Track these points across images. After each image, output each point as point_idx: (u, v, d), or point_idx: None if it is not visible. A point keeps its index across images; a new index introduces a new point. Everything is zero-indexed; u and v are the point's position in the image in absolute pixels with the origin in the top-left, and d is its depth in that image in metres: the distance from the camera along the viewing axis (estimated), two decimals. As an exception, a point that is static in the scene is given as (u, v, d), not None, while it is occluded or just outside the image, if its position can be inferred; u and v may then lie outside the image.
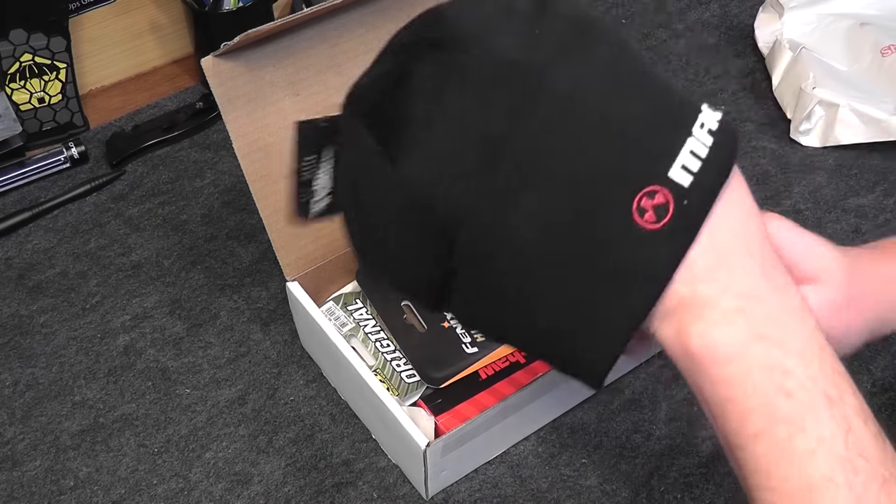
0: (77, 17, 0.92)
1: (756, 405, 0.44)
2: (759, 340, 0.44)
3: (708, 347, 0.44)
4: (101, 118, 0.95)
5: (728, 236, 0.45)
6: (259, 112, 0.68)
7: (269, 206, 0.70)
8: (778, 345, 0.44)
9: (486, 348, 0.72)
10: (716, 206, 0.44)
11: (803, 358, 0.44)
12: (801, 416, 0.43)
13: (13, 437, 0.73)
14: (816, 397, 0.44)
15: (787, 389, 0.43)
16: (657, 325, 0.46)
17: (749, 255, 0.45)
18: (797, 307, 0.46)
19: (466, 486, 0.70)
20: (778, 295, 0.45)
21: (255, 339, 0.78)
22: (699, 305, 0.44)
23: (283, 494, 0.70)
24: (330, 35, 0.69)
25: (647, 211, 0.43)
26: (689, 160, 0.44)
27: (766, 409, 0.44)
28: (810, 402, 0.44)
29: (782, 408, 0.43)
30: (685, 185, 0.44)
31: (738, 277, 0.45)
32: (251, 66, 0.66)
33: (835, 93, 0.89)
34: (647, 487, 0.70)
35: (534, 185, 0.44)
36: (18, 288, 0.82)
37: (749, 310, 0.44)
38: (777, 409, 0.43)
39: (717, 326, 0.44)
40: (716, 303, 0.44)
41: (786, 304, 0.45)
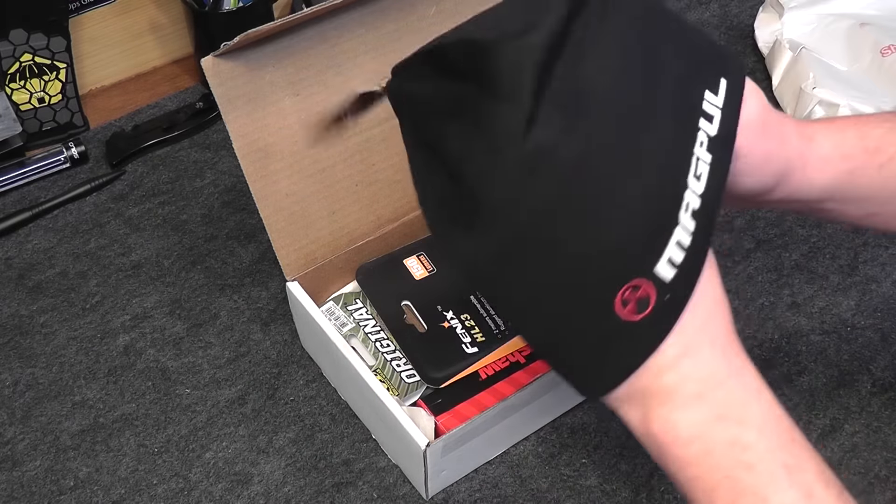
0: (77, 17, 0.92)
1: (720, 480, 0.46)
2: (718, 421, 0.46)
3: (670, 431, 0.47)
4: (101, 118, 0.95)
5: (696, 329, 0.47)
6: (259, 112, 0.68)
7: (269, 206, 0.70)
8: (737, 423, 0.46)
9: (486, 348, 0.72)
10: (692, 297, 0.46)
11: (761, 432, 0.46)
12: (763, 487, 0.45)
13: (13, 437, 0.73)
14: (776, 468, 0.46)
15: (747, 463, 0.46)
16: (622, 408, 0.48)
17: (712, 343, 0.47)
18: (753, 386, 0.48)
19: (466, 486, 0.70)
20: (735, 377, 0.47)
21: (255, 339, 0.78)
22: (663, 393, 0.47)
23: (283, 494, 0.70)
24: (330, 35, 0.69)
25: (630, 303, 0.45)
26: (674, 252, 0.45)
27: (730, 483, 0.46)
28: (770, 472, 0.45)
29: (744, 481, 0.45)
30: (668, 280, 0.45)
31: (700, 365, 0.47)
32: (251, 66, 0.66)
33: (835, 93, 0.89)
34: (647, 487, 0.70)
35: (533, 253, 0.45)
36: (18, 288, 0.82)
37: (709, 394, 0.47)
38: (740, 483, 0.45)
39: (679, 411, 0.47)
40: (678, 390, 0.47)
41: (743, 385, 0.48)
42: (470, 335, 0.72)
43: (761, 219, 0.86)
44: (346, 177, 0.73)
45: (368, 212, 0.75)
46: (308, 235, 0.72)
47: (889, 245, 0.83)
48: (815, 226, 0.85)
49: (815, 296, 0.80)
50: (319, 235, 0.73)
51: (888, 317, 0.78)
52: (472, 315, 0.73)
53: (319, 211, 0.72)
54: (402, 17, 0.72)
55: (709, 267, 0.47)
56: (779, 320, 0.78)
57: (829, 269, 0.82)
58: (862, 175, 0.55)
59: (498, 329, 0.73)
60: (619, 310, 0.45)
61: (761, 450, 0.46)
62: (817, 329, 0.78)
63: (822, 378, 0.75)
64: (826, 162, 0.55)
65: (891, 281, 0.81)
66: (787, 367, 0.76)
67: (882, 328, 0.78)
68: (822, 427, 0.72)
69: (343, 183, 0.73)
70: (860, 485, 0.69)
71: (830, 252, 0.83)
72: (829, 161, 0.55)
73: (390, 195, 0.76)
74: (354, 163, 0.73)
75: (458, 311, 0.73)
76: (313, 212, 0.72)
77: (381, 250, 0.77)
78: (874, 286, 0.80)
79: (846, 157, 0.55)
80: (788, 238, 0.84)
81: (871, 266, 0.82)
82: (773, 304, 0.79)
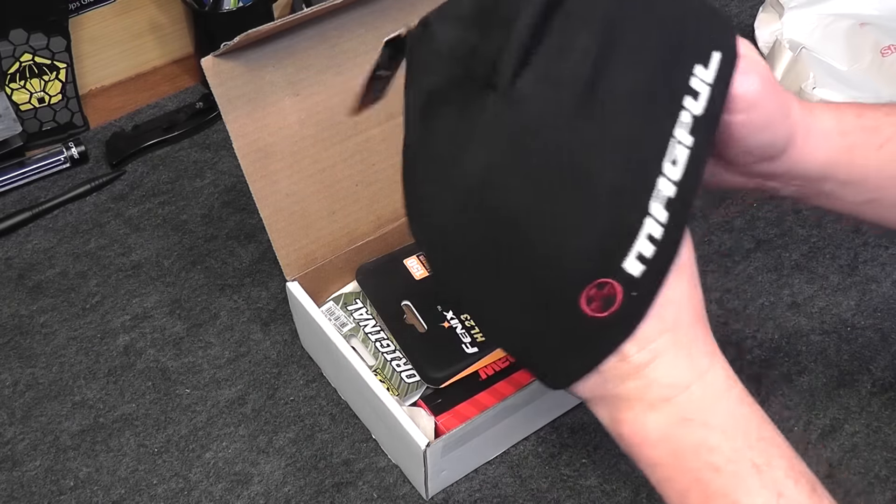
0: (77, 17, 0.92)
1: (690, 483, 0.46)
2: (684, 424, 0.46)
3: (638, 433, 0.47)
4: (101, 118, 0.95)
5: (660, 332, 0.46)
6: (259, 112, 0.68)
7: (269, 206, 0.70)
8: (702, 425, 0.46)
9: (486, 348, 0.72)
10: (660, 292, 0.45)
11: (726, 433, 0.46)
12: (733, 488, 0.45)
13: (13, 437, 0.73)
14: (744, 468, 0.45)
15: (714, 465, 0.45)
16: (595, 408, 0.49)
17: (676, 346, 0.46)
18: (719, 386, 0.47)
19: (466, 486, 0.70)
20: (700, 380, 0.47)
21: (255, 339, 0.78)
22: (628, 398, 0.47)
23: (283, 494, 0.70)
24: (330, 35, 0.69)
25: (595, 301, 0.44)
26: (643, 247, 0.43)
27: (700, 485, 0.46)
28: (739, 473, 0.45)
29: (713, 483, 0.45)
30: (636, 276, 0.44)
31: (665, 371, 0.46)
32: (251, 66, 0.66)
33: (835, 93, 0.89)
34: (647, 487, 0.69)
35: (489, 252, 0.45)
36: (18, 288, 0.82)
37: (674, 398, 0.46)
38: (709, 485, 0.45)
39: (645, 414, 0.47)
40: (643, 395, 0.47)
41: (707, 387, 0.47)
42: (470, 335, 0.72)
43: (761, 219, 0.86)
44: (346, 177, 0.73)
45: (368, 212, 0.75)
46: (308, 235, 0.72)
47: (889, 245, 0.83)
48: (814, 226, 0.85)
49: (815, 296, 0.80)
50: (319, 235, 0.73)
51: (888, 317, 0.78)
52: (472, 315, 0.73)
53: (319, 211, 0.73)
54: (402, 17, 0.72)
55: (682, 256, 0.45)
56: (779, 320, 0.78)
57: (829, 269, 0.82)
58: (860, 154, 0.55)
59: (498, 329, 0.73)
60: (585, 307, 0.44)
61: (727, 451, 0.46)
62: (817, 329, 0.78)
63: (822, 378, 0.75)
64: (826, 135, 0.54)
65: (891, 281, 0.81)
66: (787, 367, 0.76)
67: (882, 328, 0.78)
68: (822, 427, 0.72)
69: (343, 183, 0.73)
70: (860, 485, 0.69)
71: (830, 252, 0.83)
72: (829, 135, 0.54)
73: (390, 195, 0.76)
74: (354, 163, 0.73)
75: (458, 311, 0.73)
76: (313, 212, 0.72)
77: (381, 250, 0.77)
78: (874, 286, 0.80)
79: (844, 133, 0.55)
80: (788, 238, 0.84)
81: (871, 266, 0.82)
82: (773, 304, 0.79)
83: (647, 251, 0.43)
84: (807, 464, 0.47)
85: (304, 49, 0.68)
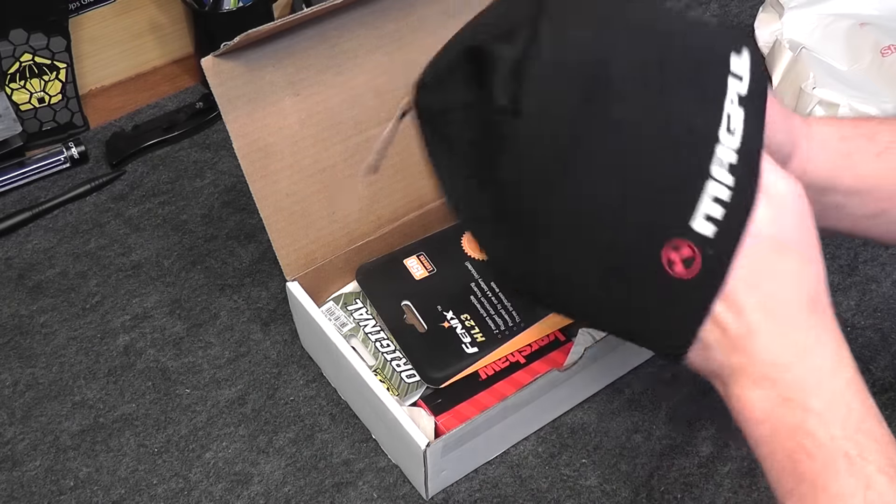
0: (77, 17, 0.92)
1: (785, 465, 0.47)
2: (784, 404, 0.47)
3: (745, 409, 0.48)
4: (101, 118, 0.95)
5: (754, 301, 0.47)
6: (259, 112, 0.68)
7: (269, 206, 0.70)
8: (801, 407, 0.46)
9: (486, 348, 0.72)
10: (737, 257, 0.46)
11: (824, 419, 0.46)
12: (823, 475, 0.46)
13: (13, 437, 0.73)
14: (836, 456, 0.46)
15: (808, 450, 0.46)
16: (714, 383, 0.50)
17: (776, 321, 0.47)
18: (825, 370, 0.48)
19: (466, 486, 0.70)
20: (803, 361, 0.47)
21: (255, 339, 0.78)
22: (735, 373, 0.48)
23: (283, 494, 0.70)
24: (330, 35, 0.69)
25: (676, 263, 0.46)
26: (711, 208, 0.46)
27: (793, 468, 0.46)
28: (830, 461, 0.46)
29: (805, 467, 0.46)
30: (709, 236, 0.46)
31: (765, 347, 0.47)
32: (251, 66, 0.66)
33: (835, 93, 0.89)
34: (647, 487, 0.70)
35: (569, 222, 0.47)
36: (18, 288, 0.82)
37: (776, 376, 0.47)
38: (801, 469, 0.46)
39: (751, 390, 0.48)
40: (746, 371, 0.47)
41: (812, 369, 0.47)
42: (470, 335, 0.72)
43: (761, 219, 0.86)
44: (346, 177, 0.73)
45: (368, 212, 0.75)
46: (308, 235, 0.72)
47: (889, 245, 0.83)
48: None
49: (815, 296, 0.80)
50: (319, 235, 0.73)
51: (888, 317, 0.78)
52: (472, 315, 0.73)
53: (319, 211, 0.72)
54: (402, 17, 0.72)
55: (790, 235, 0.48)
56: (779, 320, 0.78)
57: (829, 269, 0.81)
58: (860, 161, 0.56)
59: (498, 329, 0.73)
60: (668, 269, 0.46)
61: (823, 437, 0.46)
62: (817, 329, 0.78)
63: (822, 378, 0.75)
64: (825, 141, 0.56)
65: (891, 281, 0.81)
66: (787, 367, 0.76)
67: (882, 328, 0.78)
68: (822, 427, 0.72)
69: (343, 183, 0.73)
70: (860, 485, 0.69)
71: (830, 252, 0.83)
72: (828, 140, 0.56)
73: (390, 195, 0.76)
74: (354, 163, 0.73)
75: (458, 311, 0.73)
76: (313, 212, 0.72)
77: (381, 250, 0.77)
78: (874, 286, 0.80)
79: (843, 138, 0.56)
80: (788, 238, 0.84)
81: (871, 266, 0.82)
82: (773, 304, 0.79)
83: (715, 212, 0.45)
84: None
85: (304, 49, 0.68)
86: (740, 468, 0.70)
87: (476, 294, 0.75)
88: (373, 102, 0.73)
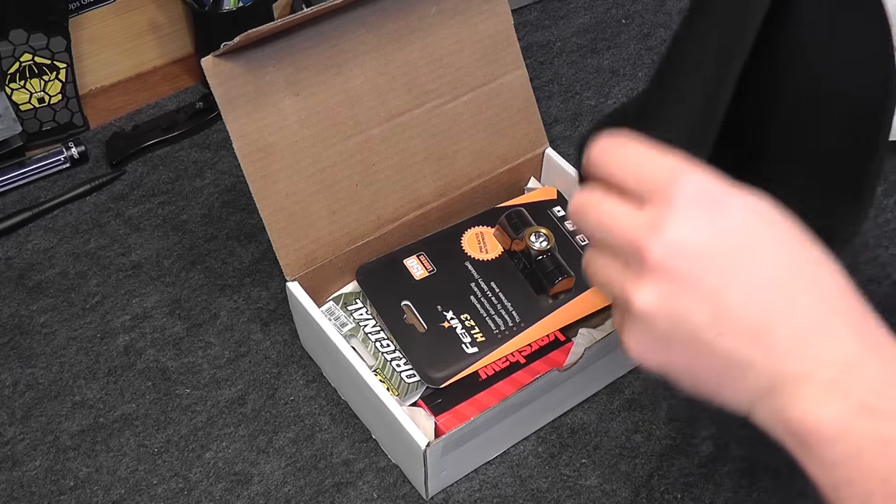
0: (77, 17, 0.92)
1: (875, 487, 0.39)
2: (865, 413, 0.39)
3: (811, 428, 0.40)
4: (101, 118, 0.95)
5: (815, 302, 0.41)
6: (259, 112, 0.68)
7: (269, 206, 0.70)
8: (888, 415, 0.39)
9: (486, 348, 0.72)
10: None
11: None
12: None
13: (13, 437, 0.73)
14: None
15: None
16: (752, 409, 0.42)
17: (833, 311, 0.41)
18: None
19: (466, 486, 0.70)
20: (877, 354, 0.40)
21: (255, 339, 0.78)
22: (793, 382, 0.40)
23: (283, 494, 0.70)
24: (330, 35, 0.69)
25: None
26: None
27: (888, 489, 0.39)
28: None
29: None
30: None
31: (829, 343, 0.40)
32: (251, 66, 0.66)
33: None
34: (647, 487, 0.70)
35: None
36: (18, 288, 0.82)
37: (848, 379, 0.40)
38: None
39: (817, 403, 0.40)
40: (810, 377, 0.40)
41: (890, 362, 0.40)
42: (470, 335, 0.72)
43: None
44: (346, 177, 0.73)
45: (368, 212, 0.75)
46: (308, 235, 0.72)
47: (889, 245, 0.83)
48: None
49: (815, 296, 0.80)
50: (319, 235, 0.73)
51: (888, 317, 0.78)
52: (472, 315, 0.73)
53: (319, 211, 0.73)
54: (402, 17, 0.72)
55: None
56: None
57: (829, 269, 0.82)
58: None
59: (498, 329, 0.73)
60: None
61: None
62: (817, 329, 0.78)
63: (822, 378, 0.75)
64: None
65: (891, 281, 0.81)
66: (787, 367, 0.76)
67: (882, 328, 0.78)
68: (822, 427, 0.72)
69: (343, 183, 0.73)
70: (860, 485, 0.69)
71: (830, 252, 0.83)
72: None
73: (390, 195, 0.76)
74: (354, 163, 0.73)
75: (458, 311, 0.73)
76: (313, 212, 0.72)
77: (381, 250, 0.77)
78: (874, 286, 0.80)
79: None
80: (788, 238, 0.84)
81: (871, 266, 0.82)
82: (773, 304, 0.79)
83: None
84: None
85: (304, 49, 0.68)
86: (740, 468, 0.70)
87: (476, 294, 0.75)
88: (373, 102, 0.73)
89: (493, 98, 0.78)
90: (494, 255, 0.77)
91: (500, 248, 0.77)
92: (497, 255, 0.77)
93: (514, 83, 0.79)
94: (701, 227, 0.41)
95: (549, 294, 0.74)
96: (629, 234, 0.42)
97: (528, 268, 0.75)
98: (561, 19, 1.04)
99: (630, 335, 0.43)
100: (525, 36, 1.02)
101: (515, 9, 1.01)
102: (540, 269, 0.74)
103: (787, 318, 0.40)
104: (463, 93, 0.77)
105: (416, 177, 0.76)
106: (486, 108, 0.78)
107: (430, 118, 0.76)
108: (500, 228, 0.78)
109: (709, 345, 0.41)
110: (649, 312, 0.42)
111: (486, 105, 0.78)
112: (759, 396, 0.41)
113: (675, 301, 0.41)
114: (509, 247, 0.77)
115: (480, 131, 0.78)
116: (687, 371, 0.43)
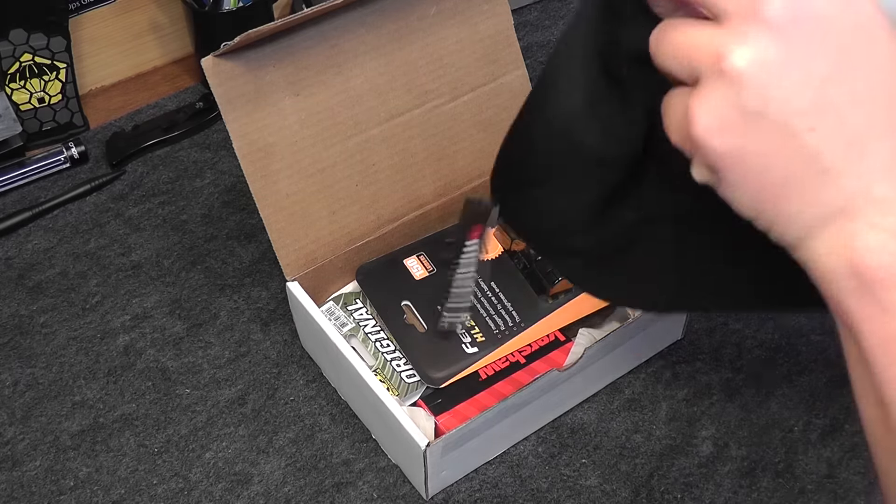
0: (77, 17, 0.92)
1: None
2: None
3: (882, 264, 0.35)
4: (101, 118, 0.95)
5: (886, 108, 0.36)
6: (259, 112, 0.68)
7: (269, 206, 0.70)
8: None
9: (486, 348, 0.72)
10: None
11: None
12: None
13: (13, 437, 0.73)
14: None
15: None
16: (808, 235, 0.37)
17: (883, 131, 0.36)
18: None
19: (466, 486, 0.70)
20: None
21: (255, 339, 0.78)
22: (874, 207, 0.35)
23: (283, 494, 0.70)
24: (330, 35, 0.69)
25: None
26: None
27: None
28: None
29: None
30: None
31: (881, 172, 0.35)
32: (251, 66, 0.66)
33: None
34: (647, 487, 0.70)
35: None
36: (18, 288, 0.82)
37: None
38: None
39: (867, 235, 0.35)
40: (859, 210, 0.35)
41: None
42: (470, 335, 0.72)
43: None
44: (346, 177, 0.73)
45: (368, 212, 0.75)
46: (308, 235, 0.72)
47: (889, 245, 0.83)
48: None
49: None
50: (319, 235, 0.73)
51: None
52: (472, 315, 0.73)
53: (319, 211, 0.73)
54: (402, 17, 0.72)
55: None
56: (779, 320, 0.78)
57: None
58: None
59: (498, 329, 0.73)
60: None
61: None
62: (817, 329, 0.78)
63: (823, 378, 0.75)
64: None
65: None
66: (787, 366, 0.76)
67: (882, 328, 0.78)
68: (822, 427, 0.72)
69: (343, 183, 0.73)
70: (860, 485, 0.69)
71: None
72: None
73: (390, 195, 0.76)
74: (354, 163, 0.73)
75: (458, 311, 0.73)
76: (313, 212, 0.72)
77: (381, 250, 0.77)
78: None
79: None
80: (788, 238, 0.84)
81: None
82: (773, 304, 0.79)
83: None
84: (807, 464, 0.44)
85: (304, 49, 0.68)
86: (740, 468, 0.70)
87: (476, 294, 0.74)
88: (373, 102, 0.73)
89: (493, 98, 0.78)
90: (494, 255, 0.77)
91: (500, 248, 0.77)
92: (497, 255, 0.77)
93: (514, 83, 0.79)
94: (827, 4, 0.35)
95: (548, 294, 0.74)
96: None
97: (528, 268, 0.75)
98: (561, 19, 1.04)
99: (706, 106, 0.36)
100: (525, 36, 1.02)
101: (515, 9, 1.01)
102: (540, 269, 0.74)
103: (886, 138, 0.35)
104: (463, 93, 0.77)
105: (415, 177, 0.76)
106: (486, 108, 0.78)
107: (430, 118, 0.76)
108: (500, 228, 0.78)
109: (796, 138, 0.35)
110: (744, 76, 0.35)
111: (486, 105, 0.78)
112: (824, 218, 0.36)
113: (778, 72, 0.35)
114: (509, 247, 0.77)
115: (480, 131, 0.78)
116: (755, 168, 0.36)
